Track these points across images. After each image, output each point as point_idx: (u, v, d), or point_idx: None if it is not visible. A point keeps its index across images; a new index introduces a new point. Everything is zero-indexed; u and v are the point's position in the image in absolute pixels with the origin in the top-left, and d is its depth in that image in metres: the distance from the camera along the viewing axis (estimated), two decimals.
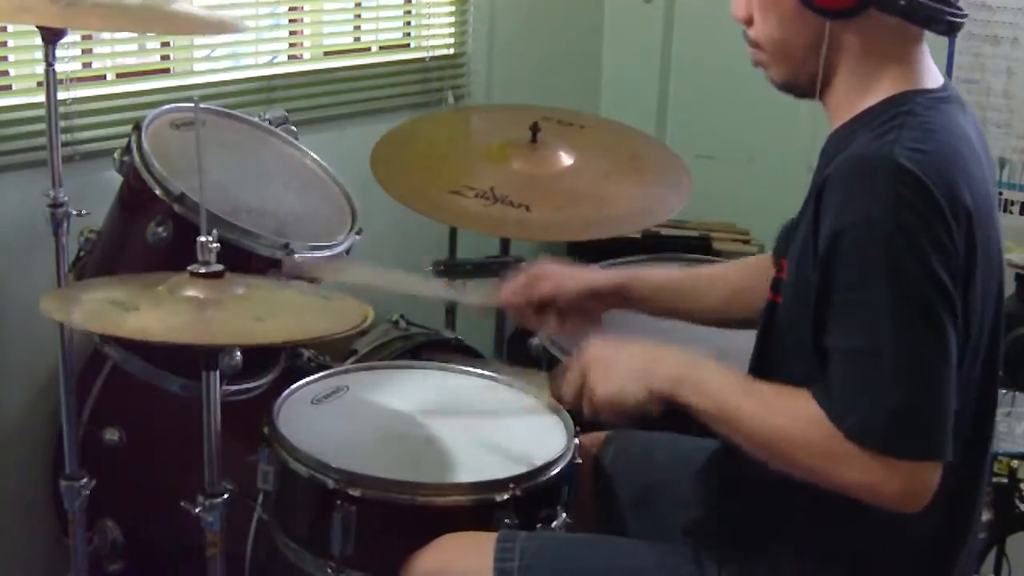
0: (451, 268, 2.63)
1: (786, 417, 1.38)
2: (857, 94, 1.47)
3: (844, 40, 1.46)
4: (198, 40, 2.64)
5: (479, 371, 2.13)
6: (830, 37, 1.45)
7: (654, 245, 2.93)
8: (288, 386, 1.97)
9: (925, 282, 1.31)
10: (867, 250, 1.32)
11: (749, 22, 1.52)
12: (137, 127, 2.10)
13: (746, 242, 3.29)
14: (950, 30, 1.45)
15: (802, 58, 1.48)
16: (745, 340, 1.62)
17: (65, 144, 2.17)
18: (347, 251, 2.22)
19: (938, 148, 1.37)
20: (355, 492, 1.70)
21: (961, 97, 1.51)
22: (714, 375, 1.47)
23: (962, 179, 1.36)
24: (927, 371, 1.32)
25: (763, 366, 1.53)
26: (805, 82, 1.50)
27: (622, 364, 1.53)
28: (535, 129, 2.47)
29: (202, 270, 1.69)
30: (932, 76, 1.49)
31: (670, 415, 1.91)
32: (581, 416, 1.95)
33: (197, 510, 1.74)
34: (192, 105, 1.72)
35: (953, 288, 1.33)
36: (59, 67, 1.98)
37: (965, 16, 1.46)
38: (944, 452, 1.33)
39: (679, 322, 1.89)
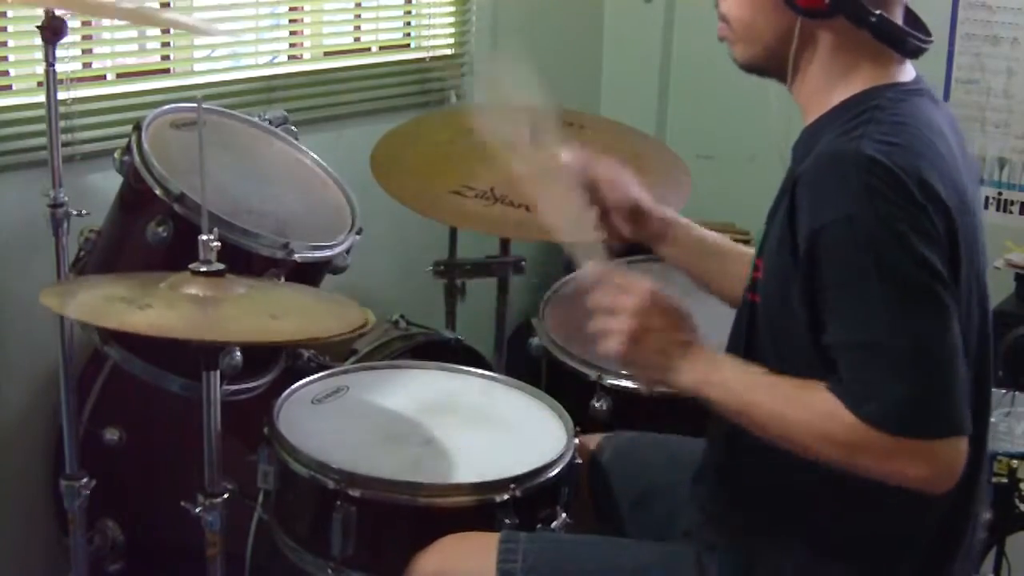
0: (451, 268, 2.64)
1: (806, 411, 1.38)
2: (828, 89, 1.47)
3: (817, 36, 1.47)
4: (198, 40, 2.64)
5: (479, 371, 2.13)
6: (801, 31, 1.46)
7: None
8: (288, 386, 1.97)
9: (912, 265, 1.32)
10: (849, 245, 1.33)
11: None
12: (137, 127, 2.10)
13: (746, 242, 3.28)
14: (915, 53, 1.47)
15: (769, 44, 1.49)
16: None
17: (65, 144, 2.17)
18: (347, 251, 2.22)
19: (908, 140, 1.37)
20: (355, 493, 1.70)
21: (932, 91, 1.51)
22: (736, 374, 1.47)
23: (934, 170, 1.36)
24: (930, 351, 1.32)
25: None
26: (769, 67, 1.51)
27: (657, 344, 1.49)
28: None
29: (203, 268, 1.69)
30: (904, 70, 1.49)
31: (669, 417, 1.92)
32: (580, 418, 1.96)
33: (197, 510, 1.74)
34: (194, 105, 1.73)
35: (942, 266, 1.33)
36: (59, 67, 1.98)
37: (930, 42, 1.48)
38: (963, 427, 1.33)
39: None
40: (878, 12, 1.42)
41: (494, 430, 1.93)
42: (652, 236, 1.80)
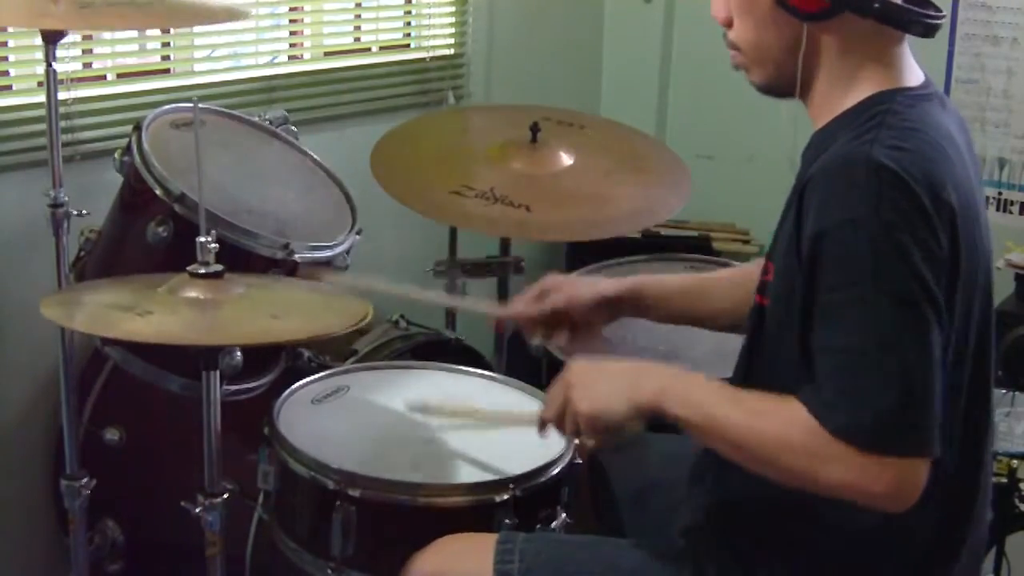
0: (451, 268, 2.64)
1: (771, 420, 1.37)
2: (838, 95, 1.47)
3: (822, 42, 1.46)
4: (199, 39, 2.64)
5: (479, 371, 2.13)
6: (807, 39, 1.45)
7: (654, 245, 2.93)
8: (288, 386, 1.97)
9: (910, 280, 1.31)
10: (851, 250, 1.32)
11: (729, 24, 1.53)
12: (137, 127, 2.10)
13: (746, 242, 3.29)
14: (927, 32, 1.46)
15: (780, 60, 1.48)
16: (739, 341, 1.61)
17: (65, 144, 2.17)
18: (347, 251, 2.22)
19: (919, 145, 1.37)
20: (355, 493, 1.70)
21: (943, 94, 1.50)
22: (698, 386, 1.46)
23: (945, 175, 1.36)
24: (913, 369, 1.31)
25: (752, 369, 1.53)
26: (785, 83, 1.50)
27: (605, 381, 1.50)
28: (535, 129, 2.47)
29: (202, 271, 1.69)
30: (913, 74, 1.49)
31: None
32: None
33: (197, 510, 1.74)
34: (192, 105, 1.73)
35: (936, 286, 1.32)
36: (59, 67, 1.98)
37: (942, 17, 1.47)
38: (931, 449, 1.32)
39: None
40: None
41: (494, 430, 1.93)
42: (632, 310, 1.83)
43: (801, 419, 1.34)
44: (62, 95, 2.10)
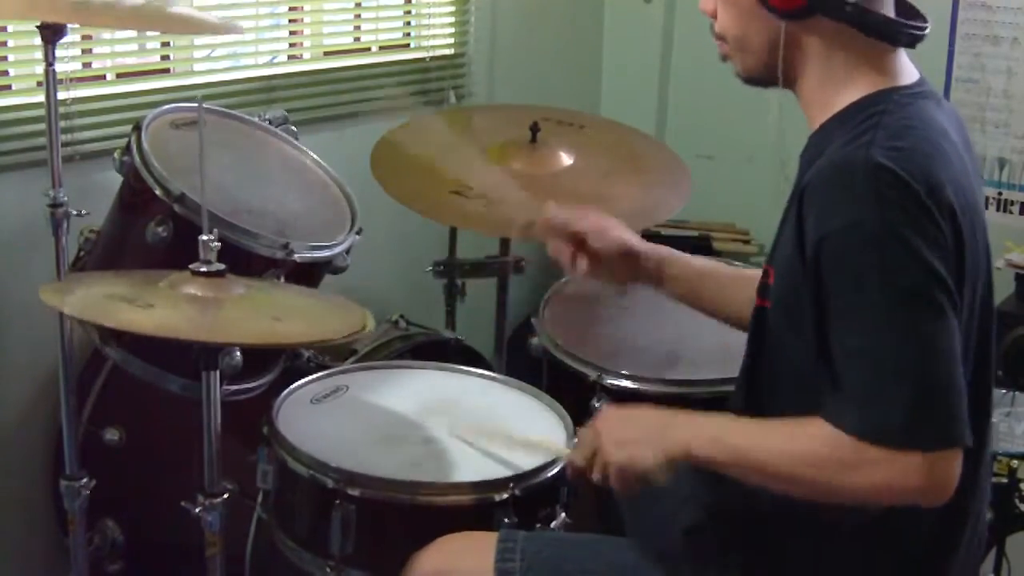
0: (451, 268, 2.64)
1: (799, 441, 1.38)
2: (831, 94, 1.47)
3: (803, 40, 1.47)
4: (198, 40, 2.64)
5: (479, 371, 2.13)
6: (787, 36, 1.46)
7: None
8: (287, 386, 1.97)
9: (918, 272, 1.32)
10: (856, 252, 1.33)
11: (715, 15, 1.55)
12: (137, 127, 2.10)
13: (746, 242, 3.29)
14: (911, 42, 1.46)
15: (761, 53, 1.50)
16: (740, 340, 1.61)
17: (65, 144, 2.16)
18: (347, 251, 2.22)
19: (915, 144, 1.37)
20: (355, 492, 1.70)
21: (937, 92, 1.51)
22: (725, 426, 1.47)
23: (942, 172, 1.36)
24: (932, 360, 1.32)
25: (756, 370, 1.53)
26: (767, 75, 1.51)
27: (636, 430, 1.51)
28: (535, 129, 2.47)
29: (204, 269, 1.69)
30: (907, 72, 1.49)
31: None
32: (580, 418, 1.95)
33: (197, 510, 1.74)
34: (194, 105, 1.73)
35: (947, 274, 1.33)
36: (59, 67, 1.98)
37: (926, 29, 1.47)
38: (961, 437, 1.32)
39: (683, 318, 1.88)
40: (853, 2, 1.42)
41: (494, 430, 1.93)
42: (647, 276, 1.83)
43: (824, 433, 1.35)
44: (61, 95, 2.09)
